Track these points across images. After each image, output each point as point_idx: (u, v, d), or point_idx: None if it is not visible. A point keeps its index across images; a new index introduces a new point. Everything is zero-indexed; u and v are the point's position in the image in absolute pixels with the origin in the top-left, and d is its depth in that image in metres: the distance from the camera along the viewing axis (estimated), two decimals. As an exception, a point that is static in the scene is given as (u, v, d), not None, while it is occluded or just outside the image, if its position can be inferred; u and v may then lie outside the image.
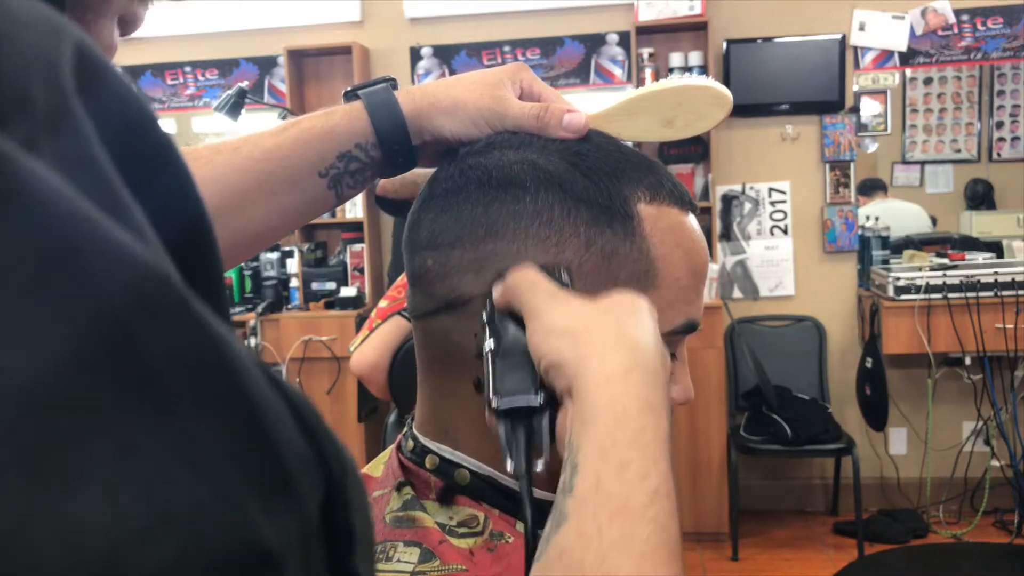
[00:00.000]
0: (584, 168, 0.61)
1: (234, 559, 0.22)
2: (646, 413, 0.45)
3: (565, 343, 0.48)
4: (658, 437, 0.44)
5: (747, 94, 3.80)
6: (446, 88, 0.66)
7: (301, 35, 4.01)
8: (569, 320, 0.49)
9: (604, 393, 0.45)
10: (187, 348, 0.22)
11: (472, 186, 0.61)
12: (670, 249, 0.61)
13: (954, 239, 4.27)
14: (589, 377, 0.46)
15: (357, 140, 0.66)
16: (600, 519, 0.41)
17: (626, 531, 0.41)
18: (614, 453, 0.43)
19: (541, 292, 0.52)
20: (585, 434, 0.44)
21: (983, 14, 3.77)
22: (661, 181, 0.63)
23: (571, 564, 0.41)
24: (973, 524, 3.64)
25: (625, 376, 0.46)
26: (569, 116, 0.64)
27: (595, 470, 0.43)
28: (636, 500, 0.42)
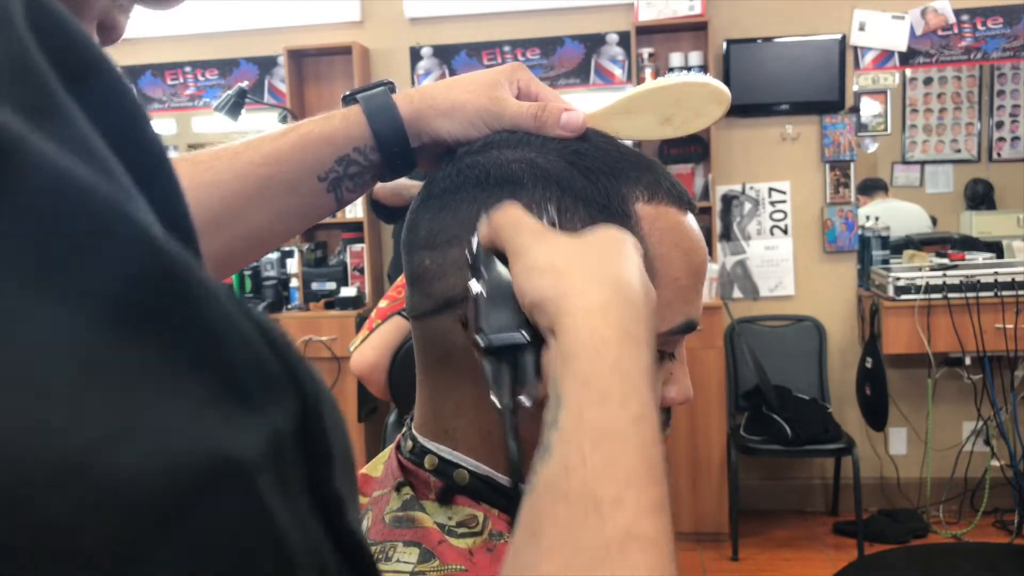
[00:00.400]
0: (582, 167, 0.61)
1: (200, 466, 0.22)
2: (625, 343, 0.45)
3: (547, 280, 0.49)
4: (639, 365, 0.45)
5: (747, 94, 3.80)
6: (444, 90, 0.66)
7: (301, 35, 4.01)
8: (551, 257, 0.50)
9: (583, 327, 0.46)
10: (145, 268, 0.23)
11: (470, 185, 0.61)
12: (668, 249, 0.61)
13: (954, 239, 4.26)
14: (569, 313, 0.47)
15: (356, 144, 0.66)
16: (583, 448, 0.42)
17: (609, 457, 0.41)
18: (595, 384, 0.44)
19: (525, 230, 0.52)
20: (566, 368, 0.45)
21: (983, 14, 3.77)
22: (659, 180, 0.63)
23: (557, 493, 0.41)
24: (973, 524, 3.64)
25: (604, 309, 0.46)
26: (567, 115, 0.64)
27: (577, 401, 0.44)
28: (617, 427, 0.42)
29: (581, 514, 0.40)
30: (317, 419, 0.27)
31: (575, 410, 0.43)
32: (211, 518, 0.22)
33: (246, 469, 0.23)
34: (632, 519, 0.40)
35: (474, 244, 0.56)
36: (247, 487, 0.23)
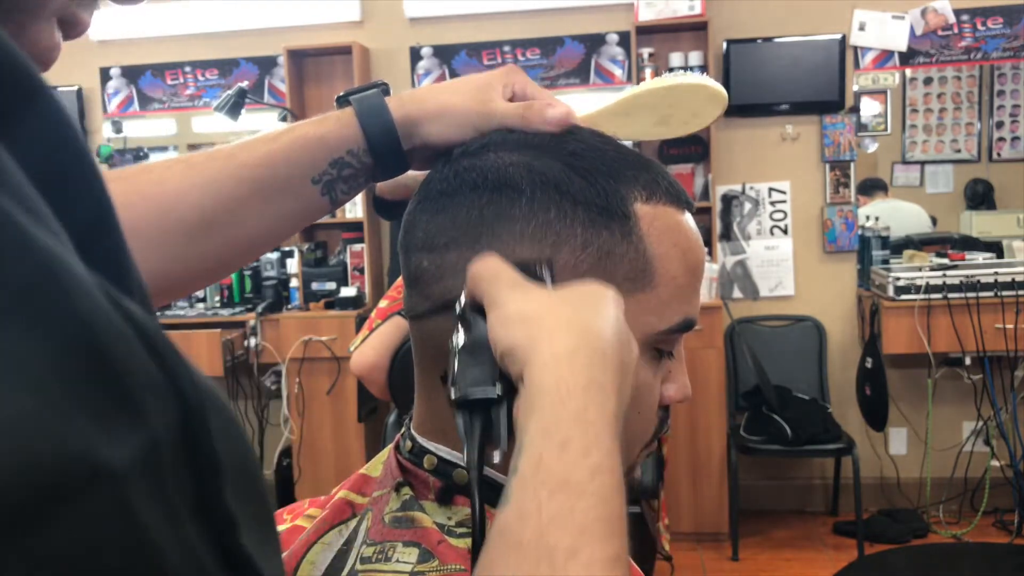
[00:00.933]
0: (580, 169, 0.61)
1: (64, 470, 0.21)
2: (591, 391, 0.45)
3: (518, 329, 0.48)
4: (603, 415, 0.45)
5: (747, 94, 3.80)
6: (434, 93, 0.67)
7: (301, 35, 4.01)
8: (525, 307, 0.50)
9: (549, 374, 0.45)
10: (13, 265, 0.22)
11: (467, 188, 0.61)
12: (667, 248, 0.61)
13: (954, 239, 4.26)
14: (535, 360, 0.46)
15: (349, 146, 0.66)
16: (540, 495, 0.41)
17: (565, 506, 0.41)
18: (557, 431, 0.43)
19: (502, 282, 0.52)
20: (531, 415, 0.45)
21: (983, 14, 3.77)
22: (657, 180, 0.63)
23: (510, 541, 0.41)
24: (973, 524, 3.64)
25: (571, 356, 0.46)
26: (551, 110, 0.64)
27: (538, 449, 0.43)
28: (576, 476, 0.42)
29: (533, 563, 0.39)
30: (201, 429, 0.25)
31: (535, 457, 0.43)
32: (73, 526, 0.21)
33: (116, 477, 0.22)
34: (585, 572, 0.39)
35: (462, 297, 0.55)
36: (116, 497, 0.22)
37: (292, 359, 3.65)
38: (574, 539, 0.40)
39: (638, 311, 0.60)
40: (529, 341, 0.47)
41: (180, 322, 3.75)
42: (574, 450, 0.42)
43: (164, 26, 4.09)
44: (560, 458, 0.42)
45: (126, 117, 4.21)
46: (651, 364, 0.62)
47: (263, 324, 3.75)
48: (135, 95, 4.21)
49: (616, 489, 0.43)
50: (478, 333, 0.52)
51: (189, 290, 0.71)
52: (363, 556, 0.60)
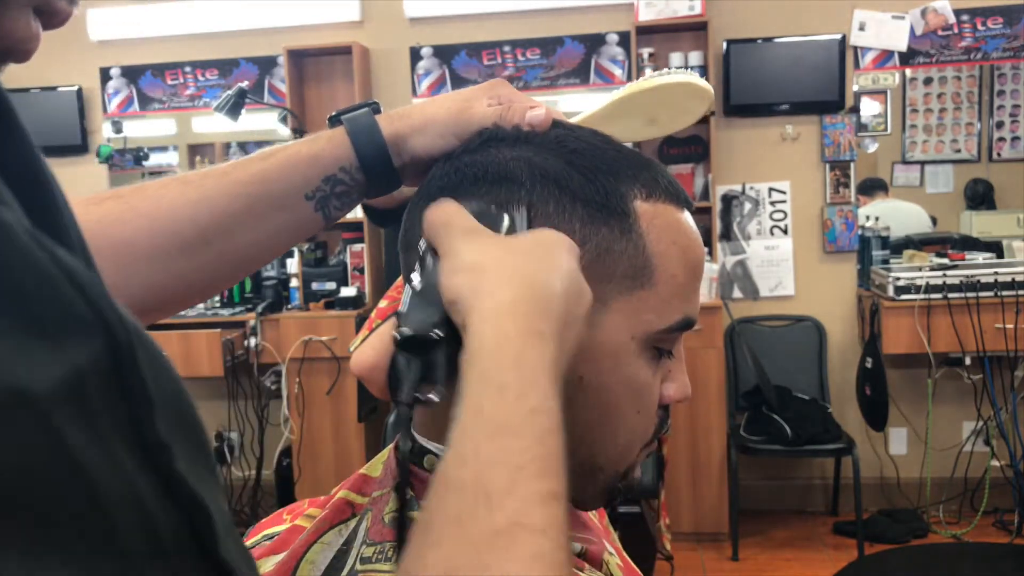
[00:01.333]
0: (580, 166, 0.61)
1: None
2: (529, 338, 0.46)
3: (465, 279, 0.50)
4: (542, 361, 0.46)
5: (747, 94, 3.80)
6: (420, 108, 0.68)
7: (301, 35, 4.01)
8: (475, 256, 0.51)
9: (489, 323, 0.47)
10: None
11: (467, 182, 0.61)
12: (666, 246, 0.62)
13: (954, 239, 4.26)
14: (477, 310, 0.48)
15: (341, 164, 0.68)
16: (478, 439, 0.42)
17: (503, 448, 0.42)
18: (494, 377, 0.44)
19: (455, 229, 0.54)
20: (471, 364, 0.46)
21: (983, 14, 3.77)
22: (657, 178, 0.63)
23: (449, 485, 0.42)
24: (973, 524, 3.64)
25: (512, 306, 0.47)
26: (531, 112, 0.65)
27: (477, 395, 0.44)
28: (513, 418, 0.43)
29: (471, 504, 0.40)
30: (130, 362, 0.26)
31: (474, 404, 0.44)
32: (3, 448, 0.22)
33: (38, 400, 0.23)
34: (521, 508, 0.40)
35: (423, 241, 0.57)
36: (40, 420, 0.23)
37: (292, 359, 3.65)
38: (510, 477, 0.41)
39: (638, 309, 0.60)
40: (472, 292, 0.49)
41: (180, 322, 3.75)
42: (511, 394, 0.44)
43: (164, 26, 4.09)
44: (497, 402, 0.43)
45: (126, 117, 4.21)
46: (651, 363, 0.62)
47: (263, 324, 3.76)
48: (135, 95, 4.21)
49: (552, 431, 0.44)
50: (431, 277, 0.53)
51: (185, 304, 0.72)
52: (363, 556, 0.60)
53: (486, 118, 0.66)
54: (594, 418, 0.61)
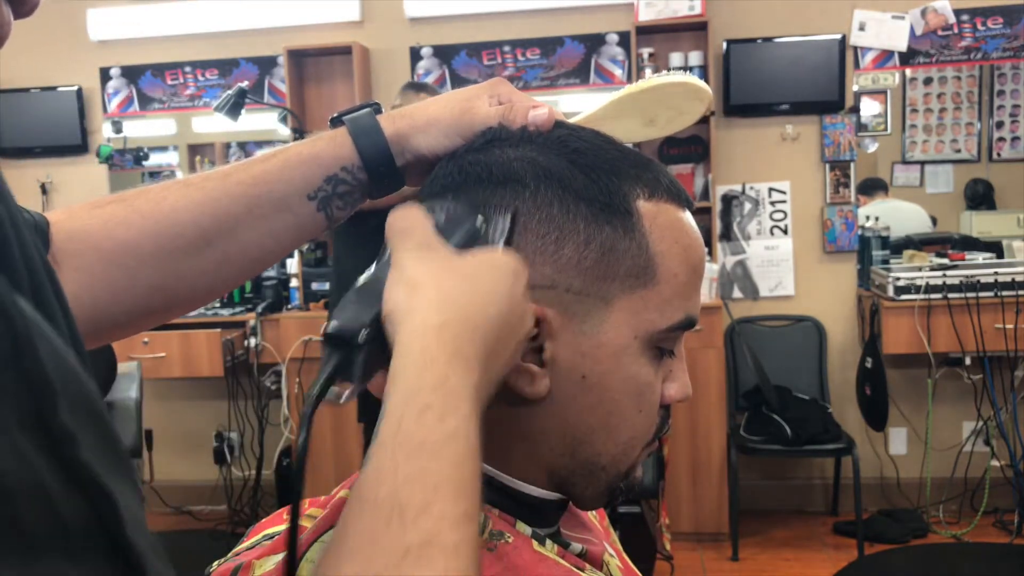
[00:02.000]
0: (583, 165, 0.61)
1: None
2: (455, 362, 0.47)
3: (403, 294, 0.50)
4: (465, 384, 0.47)
5: (747, 94, 3.80)
6: (422, 108, 0.69)
7: (301, 35, 4.01)
8: (417, 273, 0.51)
9: (416, 344, 0.47)
10: None
11: (472, 182, 0.62)
12: (668, 245, 0.62)
13: (954, 239, 4.26)
14: (407, 329, 0.48)
15: (343, 163, 0.68)
16: (397, 457, 0.43)
17: (420, 467, 0.42)
18: (417, 398, 0.45)
19: (409, 240, 0.54)
20: (394, 381, 0.46)
21: (983, 14, 3.77)
22: (659, 178, 0.63)
23: (366, 500, 0.42)
24: (973, 524, 3.64)
25: (440, 329, 0.48)
26: (534, 112, 0.65)
27: (398, 414, 0.45)
28: (432, 439, 0.44)
29: (385, 519, 0.41)
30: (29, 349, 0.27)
31: (395, 423, 0.44)
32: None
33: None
34: (435, 527, 0.41)
35: None
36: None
37: (292, 359, 3.65)
38: (426, 497, 0.42)
39: (640, 308, 0.61)
40: (406, 307, 0.49)
41: (180, 322, 3.75)
42: (432, 416, 0.44)
43: (164, 26, 4.09)
44: (418, 423, 0.44)
45: (126, 117, 4.21)
46: (652, 363, 0.62)
47: (263, 324, 3.75)
48: (135, 95, 4.21)
49: (469, 455, 0.45)
50: (378, 279, 0.53)
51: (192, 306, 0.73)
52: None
53: (489, 117, 0.66)
54: (596, 418, 0.62)
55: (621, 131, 0.73)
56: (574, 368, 0.60)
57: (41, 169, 4.23)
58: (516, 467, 0.63)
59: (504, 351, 0.52)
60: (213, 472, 4.03)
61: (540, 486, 0.64)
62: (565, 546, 0.65)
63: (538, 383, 0.60)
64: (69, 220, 0.66)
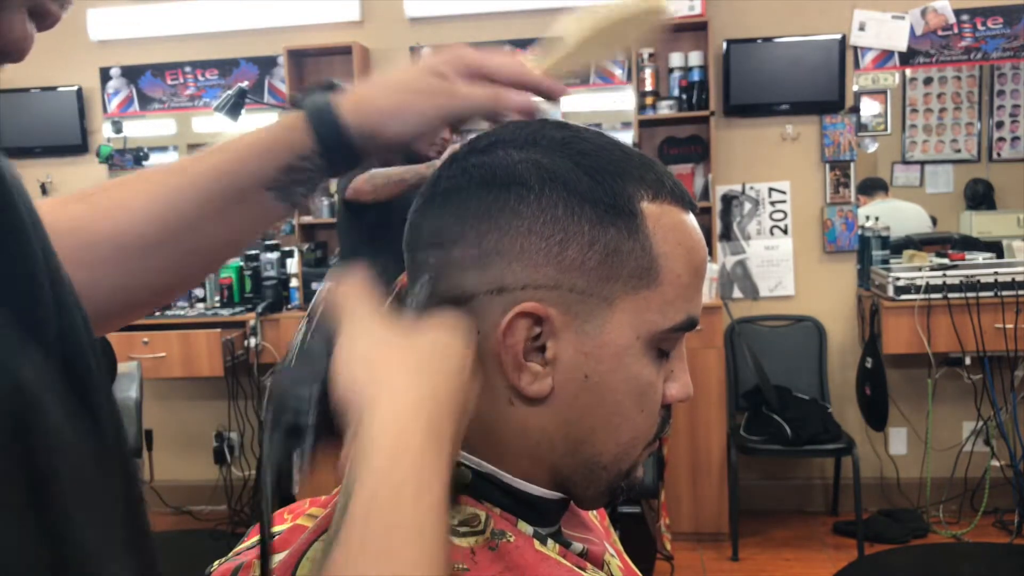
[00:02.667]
0: (588, 167, 0.61)
1: None
2: (430, 442, 0.48)
3: (361, 373, 0.50)
4: (439, 462, 0.47)
5: (747, 94, 3.80)
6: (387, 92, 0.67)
7: (301, 35, 4.01)
8: (371, 351, 0.51)
9: (391, 426, 0.47)
10: None
11: (475, 184, 0.62)
12: (672, 247, 0.62)
13: (954, 239, 4.26)
14: (378, 413, 0.48)
15: (297, 151, 0.67)
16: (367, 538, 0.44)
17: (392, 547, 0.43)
18: (390, 478, 0.46)
19: (358, 311, 0.54)
20: (366, 461, 0.46)
21: (983, 14, 3.77)
22: (662, 179, 0.63)
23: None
24: (973, 524, 3.64)
25: (415, 411, 0.48)
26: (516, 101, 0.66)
27: (370, 493, 0.45)
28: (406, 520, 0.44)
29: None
30: None
31: (367, 500, 0.45)
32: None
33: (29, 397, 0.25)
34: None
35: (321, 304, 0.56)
36: None
37: (292, 359, 3.64)
38: None
39: (643, 309, 0.61)
40: (373, 389, 0.49)
41: (180, 322, 3.75)
42: (407, 496, 0.45)
43: (164, 26, 4.09)
44: (393, 503, 0.45)
45: (126, 117, 4.21)
46: (654, 363, 0.63)
47: (263, 324, 3.75)
48: (135, 95, 4.21)
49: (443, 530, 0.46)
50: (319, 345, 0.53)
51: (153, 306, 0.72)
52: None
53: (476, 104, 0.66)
54: (598, 417, 0.62)
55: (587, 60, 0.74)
56: (576, 367, 0.60)
57: (41, 169, 4.23)
58: (518, 466, 0.63)
59: (464, 420, 0.53)
60: (213, 472, 4.03)
61: (541, 485, 0.64)
62: (566, 545, 0.65)
63: (540, 382, 0.60)
64: None
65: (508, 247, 0.60)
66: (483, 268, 0.60)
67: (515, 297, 0.59)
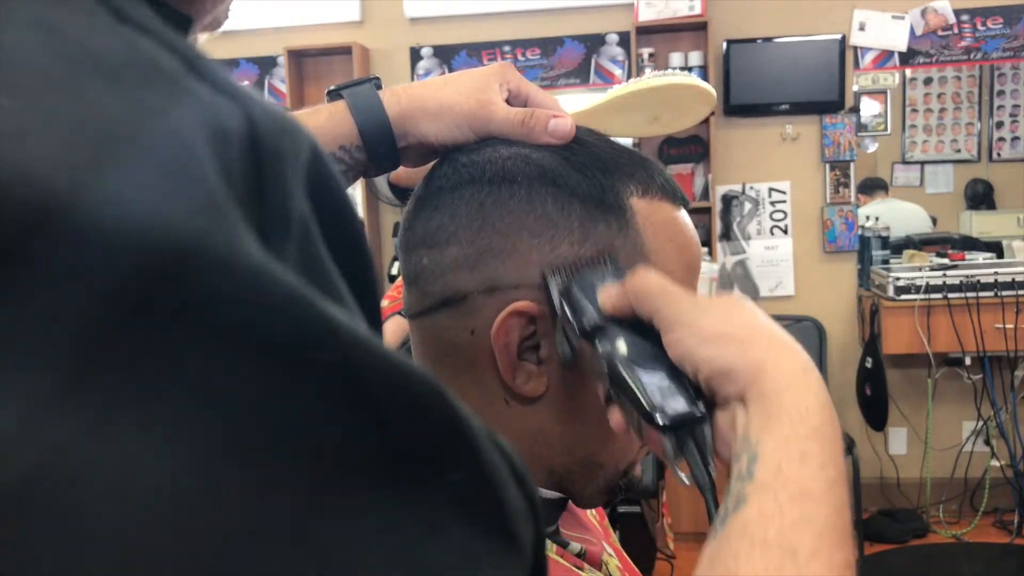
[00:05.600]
0: (576, 163, 0.61)
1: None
2: (825, 410, 0.48)
3: (731, 350, 0.50)
4: (836, 432, 0.48)
5: (747, 94, 3.80)
6: (433, 91, 0.66)
7: (301, 35, 4.01)
8: (721, 325, 0.51)
9: (787, 393, 0.48)
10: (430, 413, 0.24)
11: (465, 182, 0.62)
12: (663, 243, 0.62)
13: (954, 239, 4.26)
14: (768, 379, 0.48)
15: (341, 143, 0.65)
16: (781, 500, 0.44)
17: (806, 512, 0.44)
18: (795, 445, 0.46)
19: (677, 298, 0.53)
20: (767, 430, 0.47)
21: (983, 14, 3.77)
22: (653, 176, 0.63)
23: (753, 538, 0.43)
24: (973, 524, 3.64)
25: (804, 376, 0.49)
26: (555, 121, 0.63)
27: (775, 458, 0.46)
28: (815, 486, 0.45)
29: (778, 559, 0.42)
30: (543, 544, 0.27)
31: (773, 466, 0.45)
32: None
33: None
34: (825, 571, 0.42)
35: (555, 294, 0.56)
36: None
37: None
38: (815, 542, 0.43)
39: None
40: (750, 362, 0.49)
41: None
42: (813, 463, 0.46)
43: (164, 26, 4.09)
44: (800, 469, 0.45)
45: (126, 117, 4.21)
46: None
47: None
48: (135, 95, 4.21)
49: (847, 503, 0.47)
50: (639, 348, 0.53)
51: None
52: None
53: (508, 122, 0.64)
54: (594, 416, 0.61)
55: (623, 125, 0.73)
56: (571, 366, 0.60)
57: (41, 169, 4.22)
58: (515, 466, 0.63)
59: None
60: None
61: (539, 485, 0.64)
62: (564, 545, 0.65)
63: (535, 381, 0.60)
64: None
65: (500, 245, 0.59)
66: (475, 267, 0.60)
67: (508, 296, 0.59)
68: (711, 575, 0.43)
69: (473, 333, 0.60)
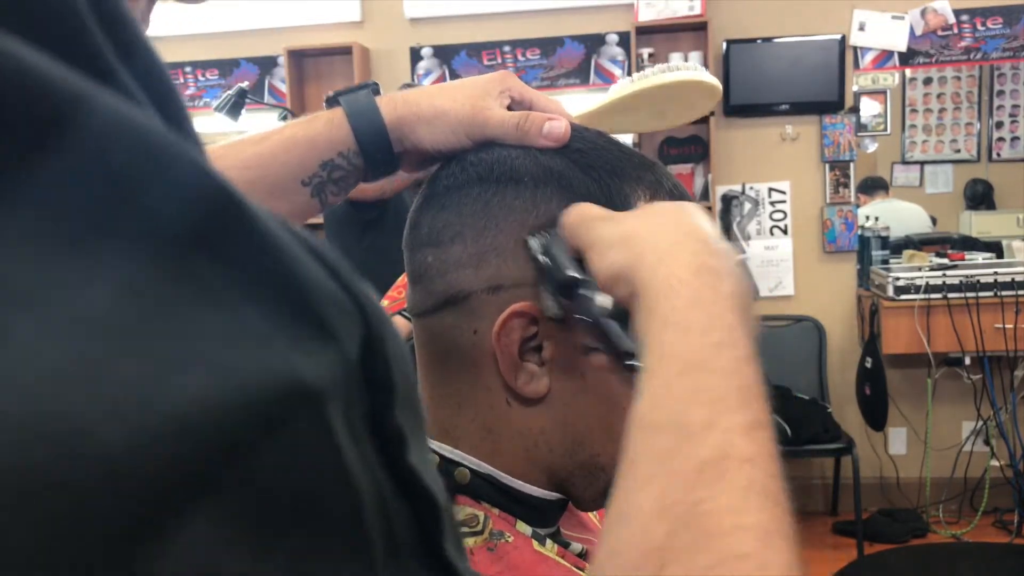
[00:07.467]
0: (584, 165, 0.61)
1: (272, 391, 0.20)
2: (701, 275, 0.45)
3: (618, 252, 0.49)
4: (718, 294, 0.45)
5: (747, 94, 3.80)
6: (429, 97, 0.66)
7: (301, 35, 4.01)
8: (619, 230, 0.51)
9: (658, 275, 0.46)
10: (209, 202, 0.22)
11: (473, 181, 0.62)
12: None
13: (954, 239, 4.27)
14: (644, 267, 0.47)
15: (339, 149, 0.66)
16: (669, 379, 0.42)
17: (695, 384, 0.41)
18: (673, 320, 0.44)
19: (590, 218, 0.53)
20: (650, 317, 0.45)
21: (983, 14, 3.77)
22: (661, 180, 0.63)
23: (648, 426, 0.41)
24: (973, 524, 3.64)
25: (673, 251, 0.46)
26: (549, 124, 0.63)
27: (659, 340, 0.44)
28: (701, 355, 0.42)
29: (673, 441, 0.40)
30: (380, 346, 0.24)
31: (657, 348, 0.44)
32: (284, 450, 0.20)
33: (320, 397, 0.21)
34: (724, 440, 0.39)
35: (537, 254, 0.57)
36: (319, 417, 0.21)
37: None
38: (708, 412, 0.40)
39: None
40: (632, 256, 0.48)
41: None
42: (695, 332, 0.43)
43: (164, 26, 4.09)
44: (683, 342, 0.43)
45: (126, 117, 4.21)
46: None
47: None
48: (135, 95, 4.21)
49: (743, 360, 0.43)
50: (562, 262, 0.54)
51: None
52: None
53: (503, 125, 0.64)
54: (595, 417, 0.62)
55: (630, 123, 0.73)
56: (573, 367, 0.60)
57: (41, 169, 4.23)
58: (516, 467, 0.63)
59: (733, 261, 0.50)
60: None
61: (540, 486, 0.64)
62: (565, 546, 0.65)
63: (537, 382, 0.60)
64: None
65: (504, 244, 0.59)
66: (479, 266, 0.60)
67: (511, 295, 0.59)
68: (619, 473, 0.42)
69: (476, 333, 0.60)
